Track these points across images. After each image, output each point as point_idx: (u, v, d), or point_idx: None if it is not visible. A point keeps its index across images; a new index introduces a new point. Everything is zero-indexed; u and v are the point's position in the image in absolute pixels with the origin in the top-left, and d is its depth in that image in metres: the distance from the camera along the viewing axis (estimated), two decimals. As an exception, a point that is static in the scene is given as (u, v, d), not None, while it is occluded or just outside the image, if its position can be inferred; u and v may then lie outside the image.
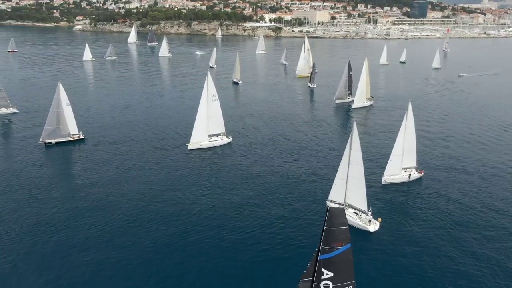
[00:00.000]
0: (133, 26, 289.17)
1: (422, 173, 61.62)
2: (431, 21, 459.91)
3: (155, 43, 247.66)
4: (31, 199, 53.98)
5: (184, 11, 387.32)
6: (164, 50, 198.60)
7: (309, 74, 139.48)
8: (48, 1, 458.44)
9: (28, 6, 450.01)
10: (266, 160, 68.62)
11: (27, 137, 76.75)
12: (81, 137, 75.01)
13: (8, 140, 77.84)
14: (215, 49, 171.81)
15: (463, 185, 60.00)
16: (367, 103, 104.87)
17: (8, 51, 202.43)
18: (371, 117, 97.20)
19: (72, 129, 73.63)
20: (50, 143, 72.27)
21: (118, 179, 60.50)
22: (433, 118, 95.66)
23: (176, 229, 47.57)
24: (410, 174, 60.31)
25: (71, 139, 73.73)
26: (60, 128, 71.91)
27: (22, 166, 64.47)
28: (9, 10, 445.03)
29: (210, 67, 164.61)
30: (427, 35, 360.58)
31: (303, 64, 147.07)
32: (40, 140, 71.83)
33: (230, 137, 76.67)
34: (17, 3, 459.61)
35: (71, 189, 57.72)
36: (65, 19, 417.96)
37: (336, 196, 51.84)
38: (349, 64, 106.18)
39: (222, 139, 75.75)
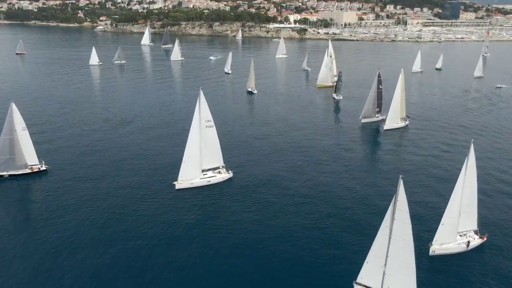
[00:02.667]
0: (147, 28, 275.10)
1: (485, 238, 44.87)
2: (463, 22, 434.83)
3: (170, 45, 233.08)
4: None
5: (206, 11, 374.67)
6: (176, 53, 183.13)
7: (331, 84, 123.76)
8: (73, 1, 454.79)
9: (54, 6, 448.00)
10: (274, 204, 53.32)
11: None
12: (43, 168, 60.79)
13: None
14: (231, 53, 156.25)
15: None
16: (401, 124, 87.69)
17: (17, 53, 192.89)
18: (407, 144, 79.31)
19: (30, 159, 59.32)
20: (2, 176, 58.44)
21: (84, 225, 47.51)
22: (487, 151, 73.91)
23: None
24: (469, 242, 43.60)
25: (30, 171, 59.66)
26: (14, 158, 57.69)
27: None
28: (35, 10, 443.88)
29: (226, 73, 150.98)
30: (461, 37, 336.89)
31: (325, 72, 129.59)
32: (-10, 173, 58.21)
33: (230, 171, 61.26)
34: (43, 3, 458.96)
35: (23, 235, 45.32)
36: (88, 20, 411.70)
37: (368, 279, 36.28)
38: (379, 76, 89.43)
39: (220, 172, 60.77)
